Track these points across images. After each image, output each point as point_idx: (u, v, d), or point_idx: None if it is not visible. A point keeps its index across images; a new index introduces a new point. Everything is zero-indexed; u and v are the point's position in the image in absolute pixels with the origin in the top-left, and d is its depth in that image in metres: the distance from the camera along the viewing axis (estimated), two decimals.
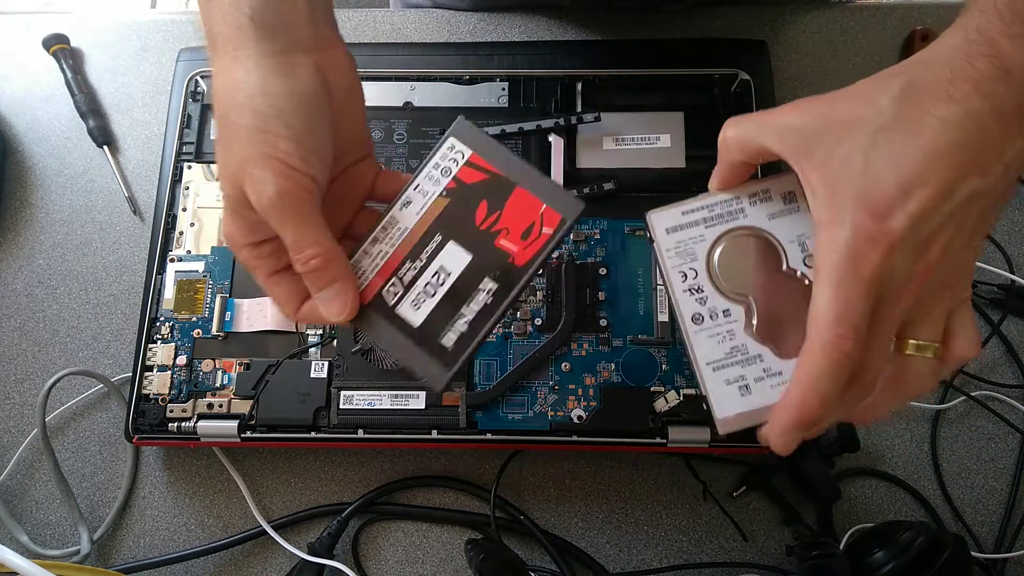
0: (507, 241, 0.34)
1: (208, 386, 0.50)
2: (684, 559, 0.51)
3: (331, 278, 0.33)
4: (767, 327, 0.33)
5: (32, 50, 0.63)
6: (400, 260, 0.34)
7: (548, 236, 0.33)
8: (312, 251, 0.32)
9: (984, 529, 0.51)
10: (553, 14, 0.63)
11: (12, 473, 0.53)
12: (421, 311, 0.33)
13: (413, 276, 0.34)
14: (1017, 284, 0.55)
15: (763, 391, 0.32)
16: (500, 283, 0.33)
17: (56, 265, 0.58)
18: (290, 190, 0.31)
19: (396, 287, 0.34)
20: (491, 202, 0.34)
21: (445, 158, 0.35)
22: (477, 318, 0.33)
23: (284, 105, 0.31)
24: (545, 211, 0.34)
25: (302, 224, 0.31)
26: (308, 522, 0.52)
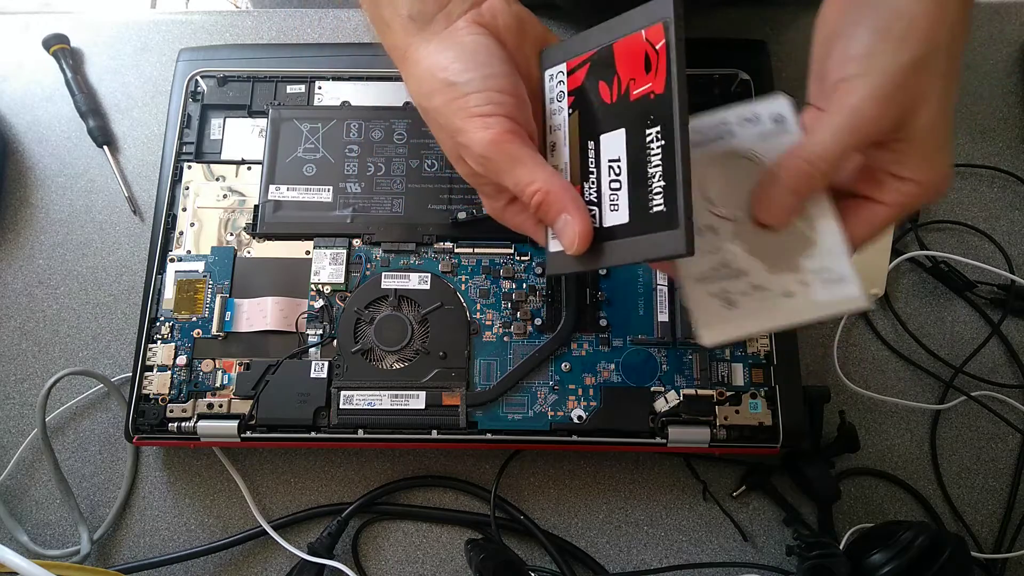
0: (638, 88, 0.32)
1: (208, 386, 0.50)
2: (684, 559, 0.51)
3: (558, 210, 0.32)
4: (753, 243, 0.33)
5: (32, 50, 0.63)
6: (580, 191, 0.33)
7: (664, 48, 0.31)
8: (531, 188, 0.32)
9: (984, 529, 0.51)
10: (553, 14, 0.63)
11: (12, 473, 0.53)
12: (622, 207, 0.32)
13: (596, 191, 0.33)
14: (1017, 284, 0.55)
15: (748, 305, 0.32)
16: (659, 122, 0.31)
17: (56, 265, 0.58)
18: (493, 138, 0.32)
19: (592, 210, 0.33)
20: (606, 76, 0.33)
21: (552, 89, 0.35)
22: (664, 168, 0.30)
23: (457, 67, 0.33)
24: (647, 33, 0.32)
25: (514, 166, 0.32)
26: (308, 522, 0.52)
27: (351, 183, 0.54)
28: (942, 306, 0.56)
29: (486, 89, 0.32)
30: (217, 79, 0.57)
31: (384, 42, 0.36)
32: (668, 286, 0.51)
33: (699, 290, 0.33)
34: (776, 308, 0.33)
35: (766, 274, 0.33)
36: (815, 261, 0.33)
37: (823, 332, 0.55)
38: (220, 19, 0.65)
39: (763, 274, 0.33)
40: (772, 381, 0.49)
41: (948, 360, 0.54)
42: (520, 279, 0.52)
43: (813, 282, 0.33)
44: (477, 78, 0.33)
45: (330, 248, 0.52)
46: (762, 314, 0.33)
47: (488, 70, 0.33)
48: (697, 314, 0.33)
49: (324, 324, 0.51)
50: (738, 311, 0.32)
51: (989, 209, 0.58)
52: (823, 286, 0.32)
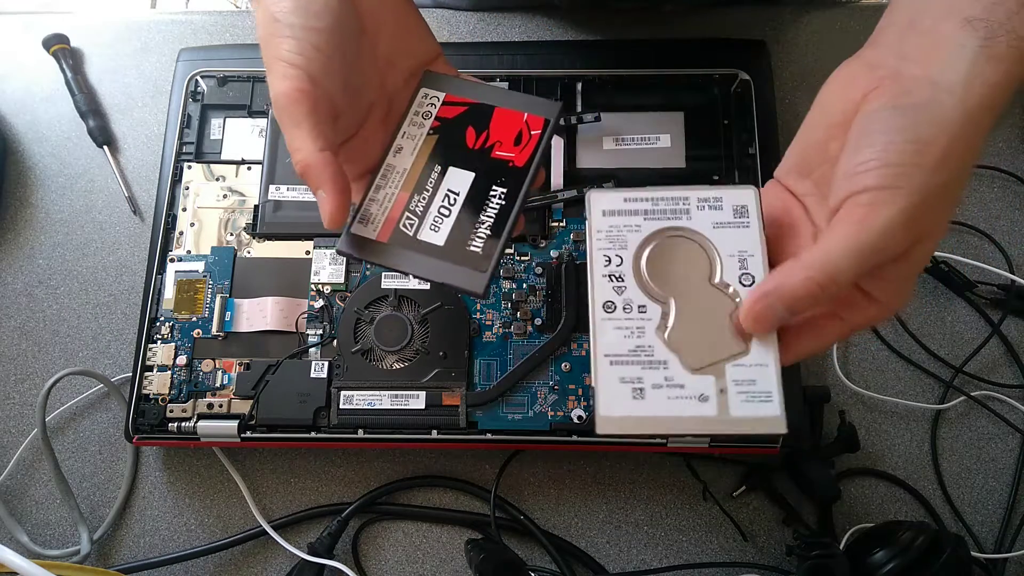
0: (502, 151, 0.36)
1: (208, 386, 0.50)
2: (684, 559, 0.51)
3: (316, 184, 0.32)
4: (681, 334, 0.31)
5: (32, 50, 0.63)
6: (408, 197, 0.36)
7: (538, 136, 0.36)
8: (298, 155, 0.32)
9: (984, 529, 0.51)
10: (553, 14, 0.63)
11: (12, 473, 0.53)
12: (442, 231, 0.35)
13: (424, 205, 0.36)
14: (1017, 284, 0.55)
15: (658, 400, 0.30)
16: (508, 186, 0.35)
17: (56, 265, 0.58)
18: (286, 91, 0.31)
19: (411, 219, 0.35)
20: (476, 126, 0.37)
21: (422, 105, 0.38)
22: (497, 220, 0.35)
23: (289, 7, 0.32)
24: (528, 118, 0.37)
25: (293, 125, 0.32)
26: (308, 522, 0.52)
27: None
28: (942, 306, 0.56)
29: (302, 39, 0.32)
30: (217, 79, 0.57)
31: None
32: None
33: (611, 371, 0.31)
34: (685, 411, 0.30)
35: (685, 372, 0.31)
36: (741, 372, 0.31)
37: None
38: (220, 19, 0.65)
39: (682, 371, 0.31)
40: None
41: (948, 360, 0.54)
42: (520, 279, 0.52)
43: (733, 393, 0.31)
44: (299, 25, 0.32)
45: (330, 248, 0.52)
46: (669, 414, 0.30)
47: (315, 23, 0.32)
48: (601, 396, 0.31)
49: (324, 324, 0.51)
50: (644, 404, 0.30)
51: (989, 209, 0.58)
52: (743, 400, 0.30)
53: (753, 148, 0.54)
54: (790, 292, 0.29)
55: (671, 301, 0.32)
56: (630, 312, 0.32)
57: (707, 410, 0.30)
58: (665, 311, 0.32)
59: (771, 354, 0.31)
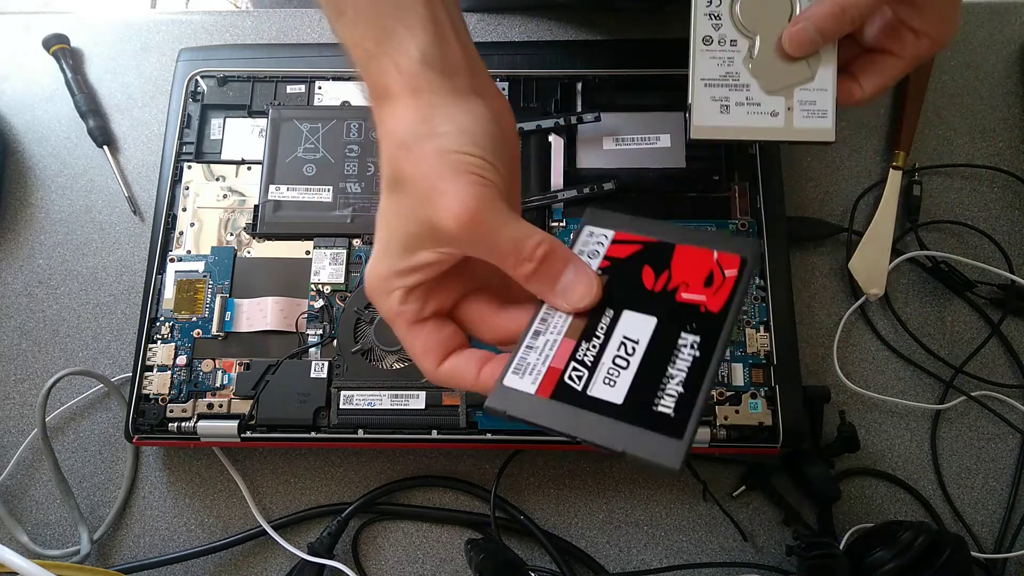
0: (690, 294, 0.30)
1: (208, 386, 0.50)
2: (684, 559, 0.51)
3: (561, 263, 0.30)
4: (762, 63, 0.38)
5: (32, 50, 0.63)
6: (574, 344, 0.29)
7: (734, 277, 0.30)
8: (534, 242, 0.29)
9: (984, 529, 0.51)
10: (553, 14, 0.63)
11: (12, 473, 0.53)
12: (619, 386, 0.28)
13: (596, 355, 0.29)
14: (1017, 284, 0.55)
15: (739, 114, 0.38)
16: (701, 334, 0.29)
17: (56, 265, 0.58)
18: (486, 194, 0.28)
19: (579, 371, 0.29)
20: (655, 266, 0.31)
21: (587, 245, 0.32)
22: (691, 374, 0.28)
23: (458, 127, 0.30)
24: (720, 256, 0.31)
25: (511, 221, 0.29)
26: (308, 522, 0.52)
27: (351, 183, 0.54)
28: (942, 306, 0.56)
29: (483, 157, 0.29)
30: (217, 79, 0.57)
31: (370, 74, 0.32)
32: None
33: (704, 92, 0.38)
34: (760, 123, 0.38)
35: (762, 93, 0.38)
36: (806, 94, 0.38)
37: (823, 332, 0.55)
38: (220, 19, 0.65)
39: (760, 92, 0.38)
40: (772, 381, 0.49)
41: (948, 360, 0.54)
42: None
43: (797, 110, 0.38)
44: (475, 144, 0.29)
45: (330, 248, 0.52)
46: (747, 124, 0.38)
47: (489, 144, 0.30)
48: (695, 110, 0.38)
49: (324, 324, 0.51)
50: (729, 117, 0.38)
51: (989, 209, 0.58)
52: (805, 115, 0.38)
53: (753, 148, 0.54)
54: (818, 15, 0.36)
55: (756, 37, 0.38)
56: (724, 45, 0.38)
57: (776, 122, 0.38)
58: (751, 45, 0.38)
59: (830, 80, 0.38)
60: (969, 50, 0.61)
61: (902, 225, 0.57)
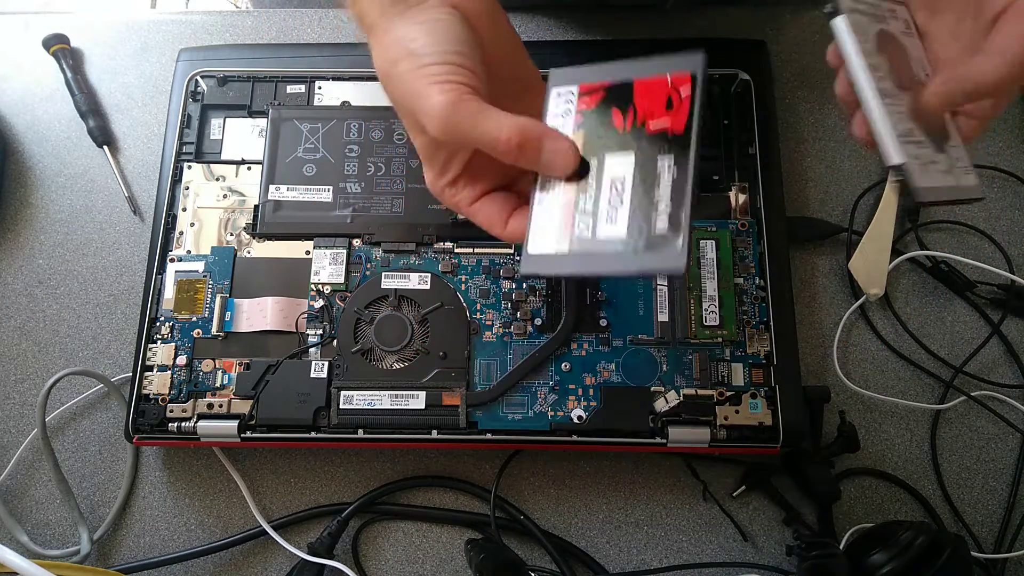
0: (656, 122, 0.33)
1: (208, 386, 0.50)
2: (684, 559, 0.51)
3: (536, 143, 0.33)
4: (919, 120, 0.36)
5: (32, 50, 0.63)
6: (573, 200, 0.34)
7: (689, 95, 0.33)
8: (505, 135, 0.32)
9: (984, 529, 0.51)
10: (553, 14, 0.63)
11: (12, 473, 0.53)
12: (620, 222, 0.33)
13: (593, 202, 0.33)
14: (1017, 284, 0.55)
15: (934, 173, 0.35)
16: (673, 153, 0.32)
17: (56, 265, 0.58)
18: (452, 99, 0.32)
19: (584, 220, 0.33)
20: (621, 106, 0.34)
21: (558, 105, 0.36)
22: (674, 191, 0.32)
23: (427, 40, 0.33)
24: (672, 78, 0.33)
25: (480, 120, 0.32)
26: (308, 522, 0.52)
27: (351, 183, 0.54)
28: (942, 306, 0.56)
29: (447, 62, 0.33)
30: (217, 79, 0.57)
31: (352, 10, 0.36)
32: (668, 286, 0.51)
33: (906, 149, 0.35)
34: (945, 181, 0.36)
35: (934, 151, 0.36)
36: (956, 151, 0.37)
37: (823, 332, 0.55)
38: (220, 19, 0.65)
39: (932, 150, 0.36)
40: (772, 381, 0.49)
41: (948, 360, 0.54)
42: (520, 279, 0.52)
43: (957, 167, 0.37)
44: (439, 51, 0.33)
45: (330, 248, 0.52)
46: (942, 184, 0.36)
47: (451, 47, 0.33)
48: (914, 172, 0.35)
49: (324, 324, 0.51)
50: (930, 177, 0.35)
51: (989, 209, 0.58)
52: (964, 173, 0.37)
53: (753, 148, 0.54)
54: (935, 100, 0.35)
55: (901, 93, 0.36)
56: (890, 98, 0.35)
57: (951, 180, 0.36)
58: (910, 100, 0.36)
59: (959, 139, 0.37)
60: None
61: (902, 225, 0.57)
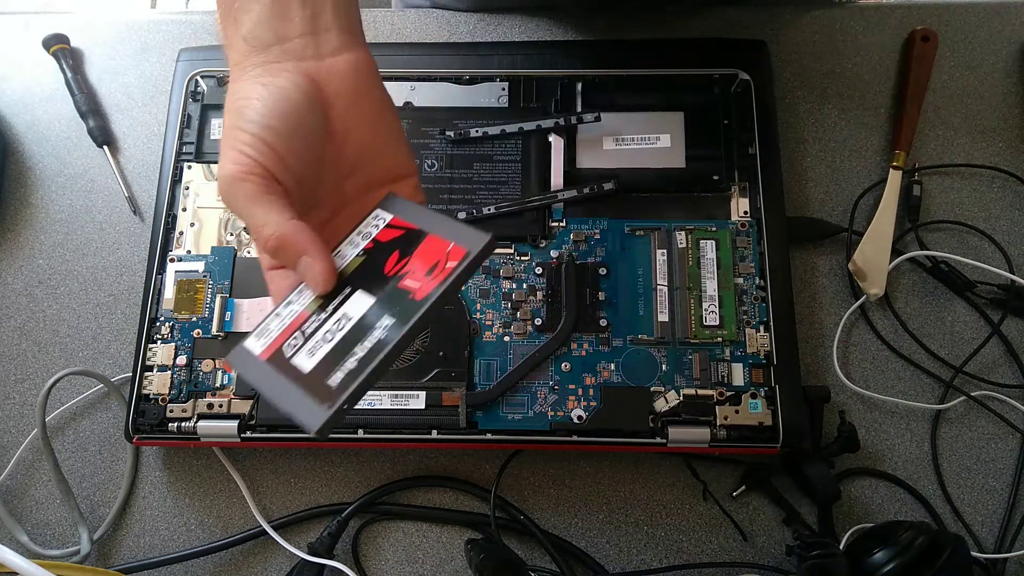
0: (411, 280, 0.33)
1: (208, 386, 0.50)
2: (684, 559, 0.51)
3: (296, 253, 0.32)
4: None
5: (32, 50, 0.63)
6: (307, 316, 0.33)
7: (451, 269, 0.32)
8: (267, 230, 0.31)
9: (984, 529, 0.51)
10: (553, 14, 0.63)
11: (12, 473, 0.53)
12: (315, 357, 0.31)
13: (316, 327, 0.33)
14: (1017, 284, 0.55)
15: None
16: (397, 318, 0.31)
17: (56, 265, 0.58)
18: (236, 174, 0.31)
19: (297, 339, 0.32)
20: (402, 251, 0.34)
21: (368, 225, 0.36)
22: (368, 353, 0.31)
23: (253, 105, 0.33)
24: (451, 248, 0.33)
25: (252, 203, 0.32)
26: (308, 522, 0.52)
27: None
28: (942, 306, 0.56)
29: (257, 135, 0.32)
30: (217, 79, 0.57)
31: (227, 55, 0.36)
32: (668, 286, 0.51)
33: None
34: None
35: None
36: None
37: (823, 332, 0.55)
38: None
39: None
40: (772, 381, 0.49)
41: (948, 360, 0.54)
42: (520, 279, 0.52)
43: None
44: (258, 122, 0.32)
45: None
46: None
47: (273, 122, 0.32)
48: None
49: None
50: None
51: (989, 209, 0.58)
52: None
53: (753, 148, 0.54)
54: None
55: None
56: None
57: None
58: None
59: None
60: (969, 50, 0.61)
61: (902, 225, 0.57)
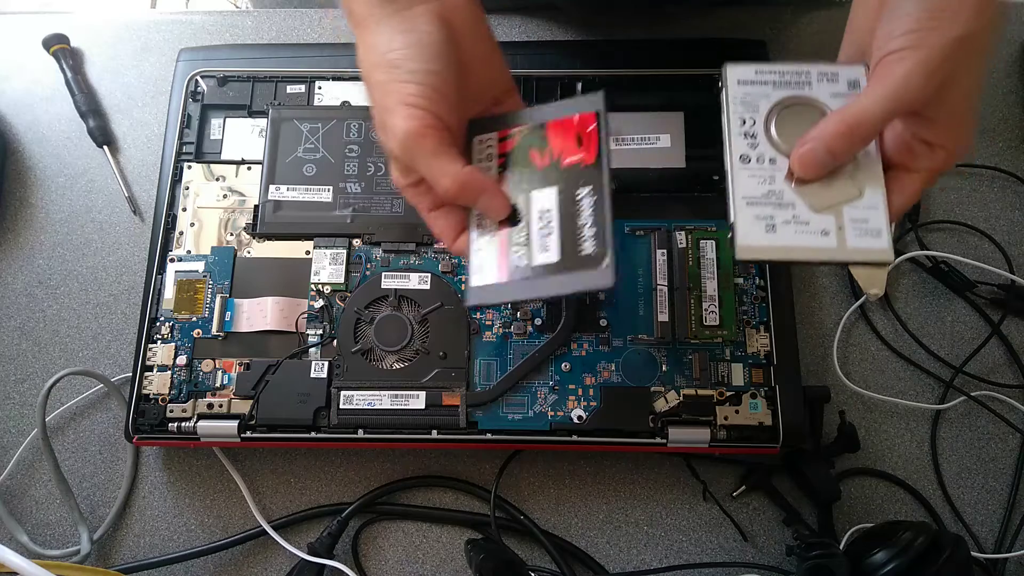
0: (571, 157, 0.37)
1: (208, 386, 0.50)
2: (684, 559, 0.51)
3: (473, 195, 0.36)
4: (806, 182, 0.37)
5: (32, 50, 0.63)
6: (508, 233, 0.37)
7: (596, 129, 0.37)
8: (447, 180, 0.35)
9: (984, 529, 0.51)
10: (553, 14, 0.63)
11: (12, 473, 0.53)
12: (552, 248, 0.36)
13: (526, 234, 0.37)
14: (1017, 284, 0.55)
15: (787, 233, 0.36)
16: (590, 183, 0.36)
17: (56, 265, 0.58)
18: (416, 128, 0.34)
19: (519, 251, 0.37)
20: (537, 146, 0.38)
21: (482, 152, 0.39)
22: (595, 215, 0.35)
23: (407, 54, 0.35)
24: (578, 118, 0.38)
25: (431, 157, 0.34)
26: (308, 522, 0.52)
27: (351, 183, 0.54)
28: (942, 306, 0.56)
29: (424, 83, 0.34)
30: (217, 79, 0.57)
31: (346, 6, 0.37)
32: (668, 286, 0.51)
33: (747, 210, 0.36)
34: (811, 242, 0.36)
35: (809, 212, 0.36)
36: (857, 212, 0.36)
37: (823, 332, 0.55)
38: (220, 19, 0.65)
39: (807, 211, 0.36)
40: (772, 381, 0.49)
41: (948, 360, 0.54)
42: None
43: (850, 229, 0.36)
44: (420, 70, 0.34)
45: (330, 248, 0.52)
46: (797, 244, 0.36)
47: (432, 66, 0.35)
48: (739, 229, 0.36)
49: (324, 324, 0.51)
50: (776, 236, 0.36)
51: (989, 209, 0.58)
52: (858, 235, 0.36)
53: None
54: (826, 135, 0.35)
55: None
56: (762, 163, 0.37)
57: (828, 242, 0.36)
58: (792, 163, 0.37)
59: (880, 198, 0.36)
60: None
61: (902, 225, 0.57)
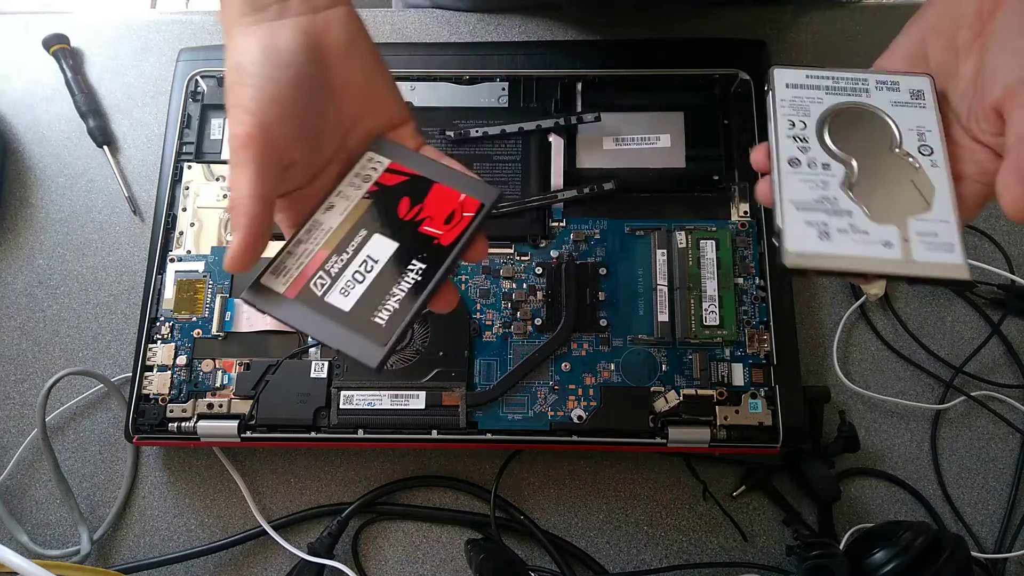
0: (431, 227, 0.35)
1: (208, 386, 0.50)
2: (684, 559, 0.51)
3: (234, 225, 0.33)
4: (865, 190, 0.34)
5: (32, 50, 0.63)
6: (326, 256, 0.35)
7: (470, 218, 0.35)
8: (232, 194, 0.33)
9: (984, 529, 0.51)
10: (553, 14, 0.63)
11: (12, 473, 0.53)
12: (351, 297, 0.34)
13: (340, 268, 0.34)
14: (1017, 284, 0.55)
15: (843, 241, 0.33)
16: (428, 262, 0.34)
17: (56, 265, 0.58)
18: (237, 134, 0.33)
19: (323, 279, 0.34)
20: (412, 198, 0.36)
21: (364, 168, 0.37)
22: (408, 295, 0.33)
23: (255, 59, 0.34)
24: (464, 199, 0.36)
25: (238, 166, 0.33)
26: (308, 522, 0.52)
27: None
28: (942, 306, 0.56)
29: (261, 88, 0.33)
30: (217, 79, 0.57)
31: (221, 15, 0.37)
32: (668, 286, 0.51)
33: (797, 215, 0.34)
34: (871, 253, 0.33)
35: (868, 221, 0.34)
36: (924, 225, 0.34)
37: (823, 332, 0.55)
38: None
39: (865, 220, 0.34)
40: (772, 381, 0.49)
41: (948, 360, 0.54)
42: (520, 279, 0.52)
43: (916, 241, 0.33)
44: (260, 75, 0.33)
45: None
46: (856, 254, 0.33)
47: (275, 73, 0.33)
48: (788, 235, 0.33)
49: None
50: (830, 244, 0.33)
51: (989, 209, 0.57)
52: (928, 248, 0.33)
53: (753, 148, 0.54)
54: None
55: (853, 162, 0.35)
56: (814, 168, 0.35)
57: (892, 254, 0.33)
58: (848, 170, 0.35)
59: (950, 210, 0.34)
60: None
61: None
